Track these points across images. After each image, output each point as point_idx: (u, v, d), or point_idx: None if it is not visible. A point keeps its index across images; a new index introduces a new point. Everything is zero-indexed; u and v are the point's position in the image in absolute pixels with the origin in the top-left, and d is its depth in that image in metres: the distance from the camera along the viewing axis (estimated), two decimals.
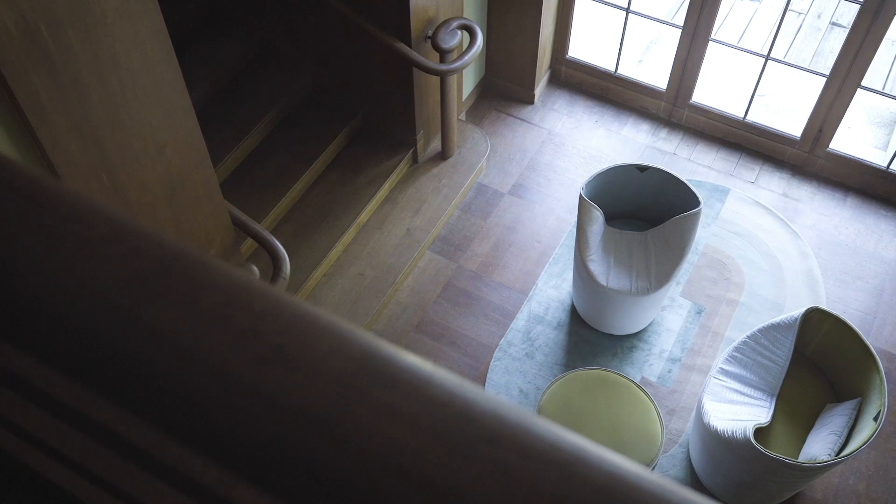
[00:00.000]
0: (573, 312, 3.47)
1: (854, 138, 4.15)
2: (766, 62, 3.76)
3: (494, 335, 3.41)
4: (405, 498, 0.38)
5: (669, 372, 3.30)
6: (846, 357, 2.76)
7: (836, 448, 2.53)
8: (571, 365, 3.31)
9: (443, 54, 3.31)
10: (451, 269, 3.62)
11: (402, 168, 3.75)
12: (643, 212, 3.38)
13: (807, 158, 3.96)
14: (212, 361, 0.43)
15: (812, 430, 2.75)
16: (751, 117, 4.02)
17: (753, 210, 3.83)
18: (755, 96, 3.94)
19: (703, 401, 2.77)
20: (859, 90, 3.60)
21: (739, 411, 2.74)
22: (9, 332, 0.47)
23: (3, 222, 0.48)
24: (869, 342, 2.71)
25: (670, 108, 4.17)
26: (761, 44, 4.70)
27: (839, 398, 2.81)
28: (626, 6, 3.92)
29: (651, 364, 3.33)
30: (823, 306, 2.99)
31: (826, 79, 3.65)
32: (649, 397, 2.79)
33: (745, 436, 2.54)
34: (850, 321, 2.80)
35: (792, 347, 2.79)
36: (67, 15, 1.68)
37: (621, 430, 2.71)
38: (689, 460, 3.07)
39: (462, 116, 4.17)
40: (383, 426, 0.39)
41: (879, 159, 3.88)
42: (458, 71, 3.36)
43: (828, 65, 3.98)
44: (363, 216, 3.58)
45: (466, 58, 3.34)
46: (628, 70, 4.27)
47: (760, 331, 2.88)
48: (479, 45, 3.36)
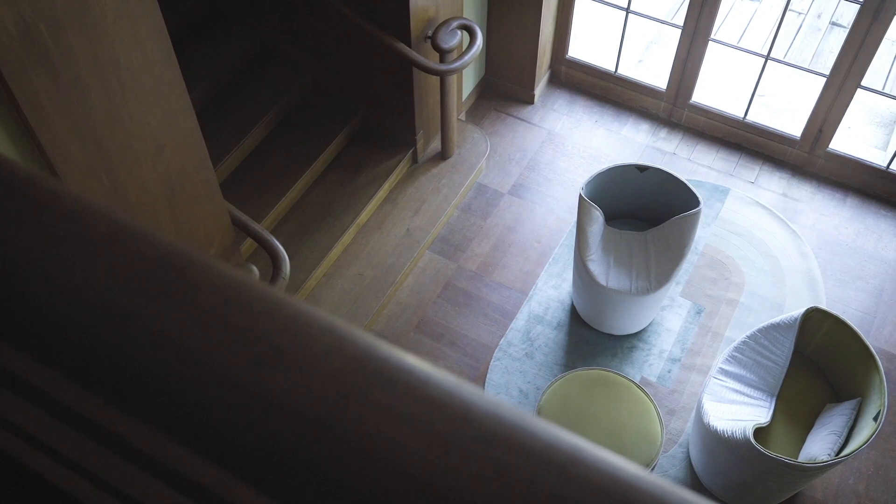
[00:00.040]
0: (573, 312, 3.47)
1: (854, 138, 4.15)
2: (765, 62, 3.76)
3: (494, 335, 3.41)
4: (403, 498, 0.38)
5: (669, 372, 3.30)
6: (846, 357, 2.76)
7: (836, 448, 2.53)
8: (571, 365, 3.31)
9: (443, 54, 3.31)
10: (450, 269, 3.62)
11: (401, 168, 3.75)
12: (643, 212, 3.38)
13: (807, 158, 3.96)
14: (210, 361, 0.43)
15: (812, 430, 2.75)
16: (751, 117, 4.02)
17: (753, 210, 3.83)
18: (755, 96, 3.94)
19: (703, 401, 2.77)
20: (859, 90, 3.60)
21: (739, 411, 2.74)
22: (8, 333, 0.47)
23: (1, 222, 0.48)
24: (869, 342, 2.71)
25: (670, 108, 4.17)
26: (761, 44, 4.70)
27: (839, 398, 2.81)
28: (626, 6, 3.92)
29: (651, 364, 3.33)
30: (823, 306, 2.99)
31: (826, 79, 3.65)
32: (649, 397, 2.79)
33: (745, 436, 2.54)
34: (849, 321, 2.80)
35: (792, 347, 2.79)
36: (67, 15, 1.68)
37: (621, 431, 2.71)
38: (688, 460, 3.07)
39: (462, 116, 4.17)
40: (381, 426, 0.39)
41: (879, 159, 3.88)
42: (458, 71, 3.36)
43: (828, 65, 3.98)
44: (363, 216, 3.58)
45: (466, 58, 3.34)
46: (628, 70, 4.27)
47: (760, 331, 2.88)
48: (479, 45, 3.36)
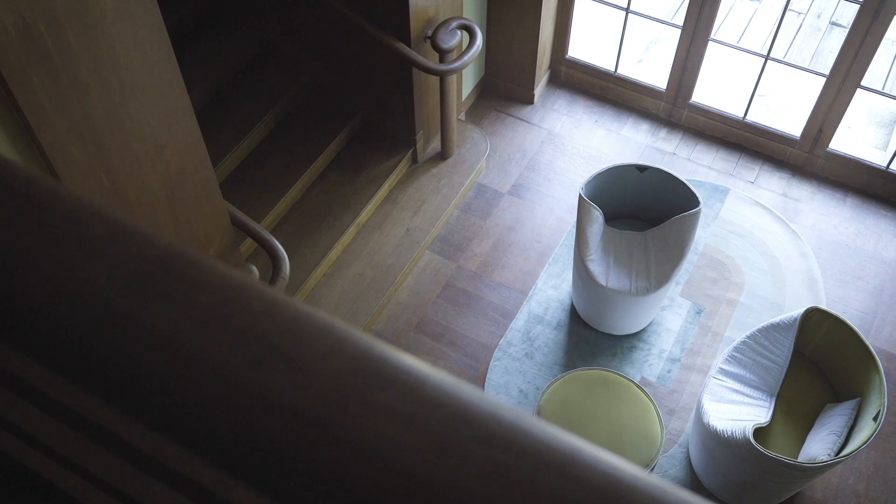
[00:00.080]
0: (573, 312, 3.47)
1: (854, 138, 4.15)
2: (765, 62, 3.76)
3: (494, 335, 3.41)
4: (403, 498, 0.38)
5: (669, 372, 3.30)
6: (846, 357, 2.76)
7: (836, 448, 2.53)
8: (571, 365, 3.31)
9: (442, 54, 3.31)
10: (450, 269, 3.62)
11: (401, 168, 3.75)
12: (643, 212, 3.38)
13: (807, 158, 3.96)
14: (210, 362, 0.43)
15: (811, 430, 2.75)
16: (751, 117, 4.02)
17: (753, 210, 3.83)
18: (755, 96, 3.94)
19: (703, 401, 2.77)
20: (859, 90, 3.60)
21: (739, 411, 2.74)
22: (7, 333, 0.47)
23: (1, 223, 0.48)
24: (868, 342, 2.71)
25: (670, 108, 4.17)
26: (761, 44, 4.70)
27: (839, 398, 2.81)
28: (625, 6, 3.92)
29: (651, 364, 3.33)
30: (823, 306, 2.99)
31: (826, 79, 3.65)
32: (649, 397, 2.79)
33: (745, 436, 2.54)
34: (849, 321, 2.80)
35: (791, 347, 2.79)
36: (67, 15, 1.68)
37: (621, 431, 2.71)
38: (688, 460, 3.07)
39: (462, 116, 4.17)
40: (380, 426, 0.39)
41: (879, 159, 3.88)
42: (458, 71, 3.36)
43: (828, 65, 3.98)
44: (363, 216, 3.58)
45: (466, 58, 3.34)
46: (628, 70, 4.27)
47: (760, 331, 2.88)
48: (479, 45, 3.36)
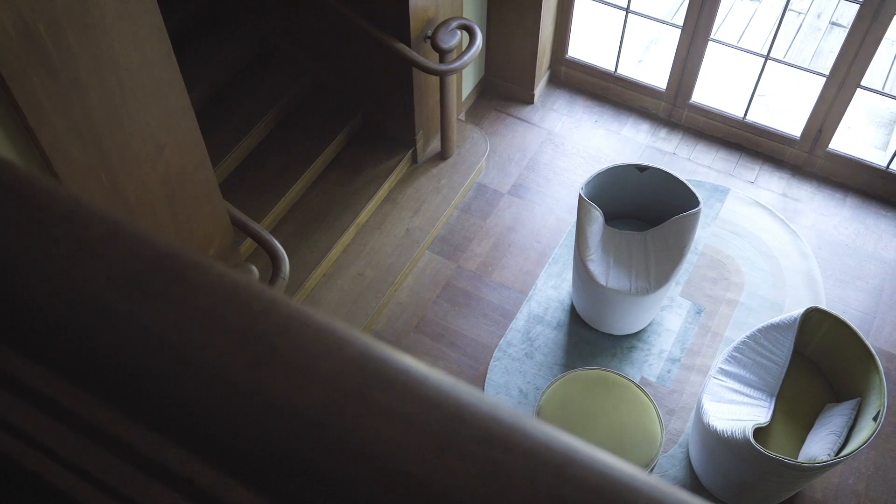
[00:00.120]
0: (573, 312, 3.47)
1: (854, 138, 4.15)
2: (765, 62, 3.76)
3: (494, 335, 3.41)
4: (402, 498, 0.38)
5: (669, 372, 3.30)
6: (846, 357, 2.76)
7: (836, 448, 2.53)
8: (571, 365, 3.31)
9: (442, 54, 3.31)
10: (450, 270, 3.62)
11: (401, 168, 3.75)
12: (643, 212, 3.38)
13: (806, 158, 3.96)
14: (208, 363, 0.43)
15: (811, 431, 2.75)
16: (750, 117, 4.02)
17: (753, 210, 3.83)
18: (755, 96, 3.94)
19: (703, 401, 2.77)
20: (859, 90, 3.60)
21: (739, 411, 2.74)
22: (6, 334, 0.47)
23: (0, 223, 0.48)
24: (868, 342, 2.71)
25: (670, 108, 4.17)
26: (761, 44, 4.70)
27: (839, 398, 2.81)
28: (625, 6, 3.92)
29: (650, 364, 3.33)
30: (823, 306, 2.99)
31: (826, 79, 3.65)
32: (649, 397, 2.79)
33: (745, 436, 2.54)
34: (849, 321, 2.80)
35: (791, 347, 2.79)
36: (66, 15, 1.68)
37: (621, 431, 2.71)
38: (688, 460, 3.07)
39: (462, 116, 4.17)
40: (378, 427, 0.39)
41: (879, 159, 3.88)
42: (458, 71, 3.36)
43: (828, 65, 3.98)
44: (363, 216, 3.58)
45: (466, 58, 3.34)
46: (628, 70, 4.27)
47: (760, 331, 2.88)
48: (479, 45, 3.36)
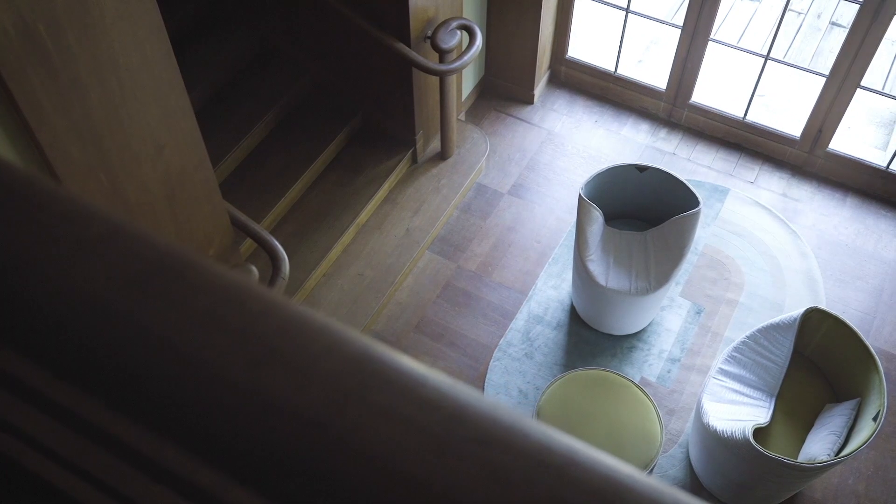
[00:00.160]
0: (572, 312, 3.47)
1: (854, 138, 4.15)
2: (765, 62, 3.76)
3: (494, 335, 3.41)
4: (402, 499, 0.38)
5: (669, 372, 3.30)
6: (845, 357, 2.76)
7: (836, 448, 2.53)
8: (571, 365, 3.31)
9: (442, 54, 3.31)
10: (450, 270, 3.62)
11: (401, 168, 3.75)
12: (643, 212, 3.38)
13: (806, 158, 3.96)
14: (208, 363, 0.43)
15: (811, 431, 2.75)
16: (750, 117, 4.02)
17: (753, 210, 3.83)
18: (755, 96, 3.94)
19: (703, 401, 2.77)
20: (859, 90, 3.60)
21: (739, 411, 2.74)
22: (5, 334, 0.47)
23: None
24: (868, 342, 2.71)
25: (670, 108, 4.17)
26: (761, 44, 4.70)
27: (838, 398, 2.81)
28: (625, 6, 3.92)
29: (650, 364, 3.33)
30: (823, 306, 2.99)
31: (826, 79, 3.65)
32: (649, 397, 2.79)
33: (745, 436, 2.54)
34: (849, 321, 2.80)
35: (791, 347, 2.79)
36: (66, 15, 1.68)
37: (621, 431, 2.71)
38: (688, 461, 3.07)
39: (461, 116, 4.17)
40: (377, 428, 0.39)
41: (879, 159, 3.88)
42: (458, 71, 3.36)
43: (827, 65, 3.98)
44: (362, 216, 3.58)
45: (466, 58, 3.34)
46: (628, 70, 4.27)
47: (760, 331, 2.88)
48: (479, 45, 3.36)
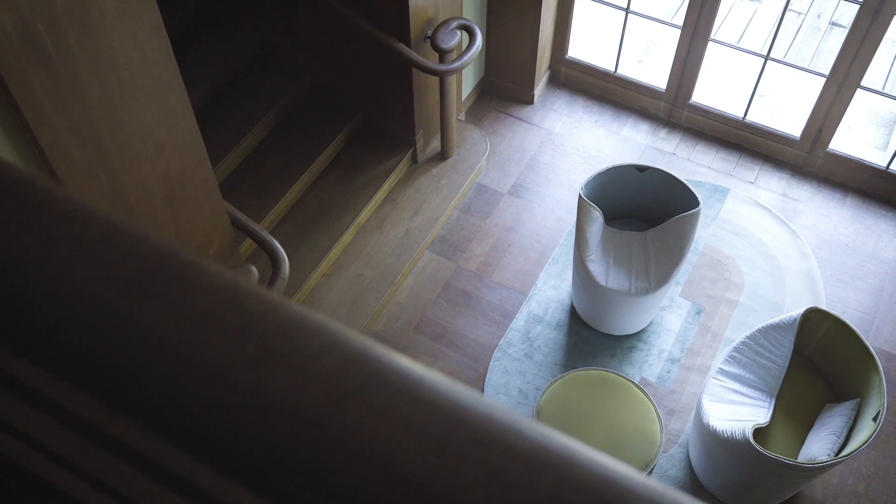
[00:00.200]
0: (572, 313, 3.47)
1: (854, 138, 4.15)
2: (765, 62, 3.76)
3: (494, 335, 3.41)
4: (401, 498, 0.38)
5: (669, 372, 3.30)
6: (845, 357, 2.76)
7: (836, 448, 2.53)
8: (571, 365, 3.31)
9: (442, 54, 3.30)
10: (450, 270, 3.62)
11: (401, 168, 3.75)
12: (642, 212, 3.38)
13: (806, 158, 3.96)
14: (208, 363, 0.43)
15: (811, 431, 2.75)
16: (750, 117, 4.02)
17: (753, 210, 3.83)
18: (755, 96, 3.94)
19: (703, 401, 2.77)
20: (859, 90, 3.60)
21: (739, 411, 2.74)
22: (5, 334, 0.47)
23: None
24: (868, 342, 2.71)
25: (670, 108, 4.17)
26: (761, 44, 4.70)
27: (838, 398, 2.81)
28: (625, 6, 3.92)
29: (650, 364, 3.33)
30: (823, 306, 2.99)
31: (826, 79, 3.65)
32: (648, 398, 2.79)
33: (745, 436, 2.54)
34: (849, 321, 2.80)
35: (791, 348, 2.79)
36: (66, 15, 1.68)
37: (620, 431, 2.71)
38: (688, 461, 3.07)
39: (461, 116, 4.17)
40: (376, 428, 0.39)
41: (879, 159, 3.88)
42: (458, 71, 3.36)
43: (827, 65, 3.98)
44: (362, 216, 3.58)
45: (466, 58, 3.34)
46: (628, 70, 4.27)
47: (760, 331, 2.88)
48: (479, 45, 3.36)
